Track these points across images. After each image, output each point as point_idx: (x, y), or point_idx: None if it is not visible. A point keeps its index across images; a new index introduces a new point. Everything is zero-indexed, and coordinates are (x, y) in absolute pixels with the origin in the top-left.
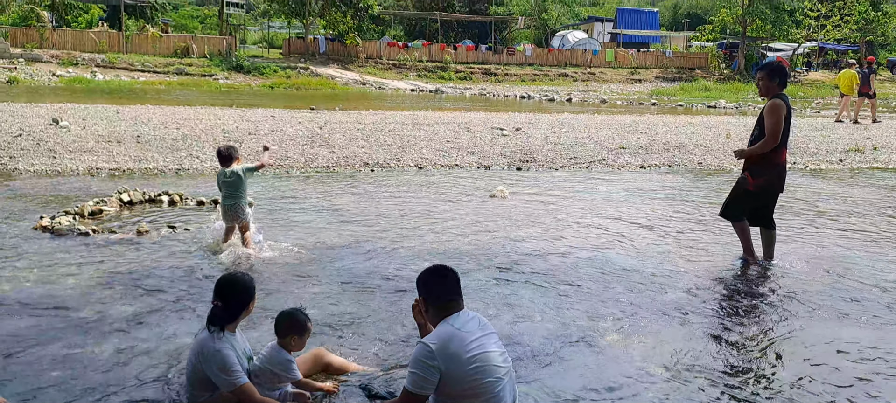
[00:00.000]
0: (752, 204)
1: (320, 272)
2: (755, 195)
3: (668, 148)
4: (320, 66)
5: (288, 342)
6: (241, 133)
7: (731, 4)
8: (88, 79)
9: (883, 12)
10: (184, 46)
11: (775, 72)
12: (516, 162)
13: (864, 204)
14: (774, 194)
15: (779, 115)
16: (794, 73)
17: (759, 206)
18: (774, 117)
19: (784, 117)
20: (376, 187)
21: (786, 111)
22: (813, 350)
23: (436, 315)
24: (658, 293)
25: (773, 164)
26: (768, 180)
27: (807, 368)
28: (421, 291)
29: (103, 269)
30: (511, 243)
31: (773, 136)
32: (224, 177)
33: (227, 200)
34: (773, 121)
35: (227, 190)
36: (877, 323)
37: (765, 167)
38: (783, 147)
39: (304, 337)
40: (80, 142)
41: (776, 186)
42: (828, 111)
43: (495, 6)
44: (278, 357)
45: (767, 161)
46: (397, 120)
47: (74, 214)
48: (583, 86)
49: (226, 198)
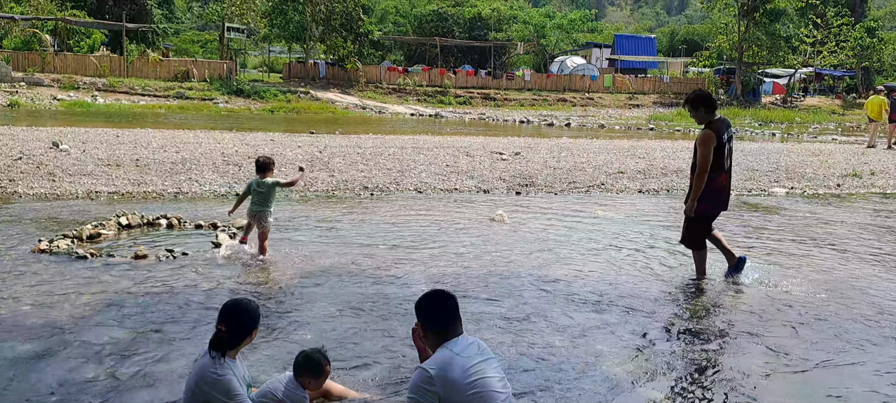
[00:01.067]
0: (706, 229)
1: (318, 296)
2: (700, 219)
3: (666, 172)
4: (320, 90)
5: (304, 381)
6: (241, 157)
7: (728, 31)
8: (89, 103)
9: (878, 39)
10: (184, 70)
11: (695, 101)
12: (516, 186)
13: (860, 230)
14: (713, 217)
15: (708, 146)
16: (790, 99)
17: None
18: (704, 148)
19: (715, 147)
20: (376, 211)
21: (716, 139)
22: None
23: (435, 340)
24: (665, 320)
25: (710, 191)
26: (705, 207)
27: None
28: (420, 316)
29: (101, 293)
30: (511, 268)
31: (701, 169)
32: (257, 185)
33: (255, 206)
34: (702, 153)
35: (256, 197)
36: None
37: (703, 194)
38: (722, 172)
39: (319, 380)
40: (80, 165)
41: (713, 211)
42: (825, 136)
43: (494, 32)
44: (295, 394)
45: (706, 188)
46: (397, 144)
47: (73, 238)
48: (581, 110)
49: (254, 205)
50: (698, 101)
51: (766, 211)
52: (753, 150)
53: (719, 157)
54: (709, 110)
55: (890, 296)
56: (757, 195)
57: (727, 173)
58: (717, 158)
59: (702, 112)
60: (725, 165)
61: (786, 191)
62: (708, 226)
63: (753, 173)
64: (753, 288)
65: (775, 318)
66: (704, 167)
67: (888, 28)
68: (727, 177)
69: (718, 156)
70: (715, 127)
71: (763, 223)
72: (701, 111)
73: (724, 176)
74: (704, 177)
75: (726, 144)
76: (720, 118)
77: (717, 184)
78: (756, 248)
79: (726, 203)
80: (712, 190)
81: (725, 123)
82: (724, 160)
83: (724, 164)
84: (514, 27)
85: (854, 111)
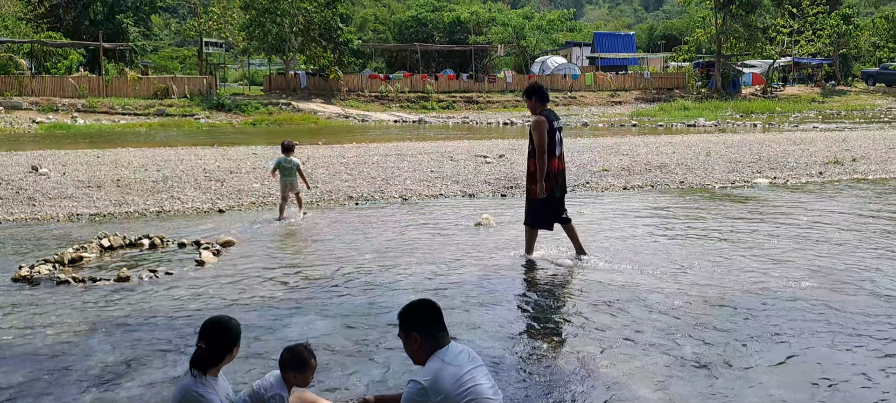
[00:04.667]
0: (549, 210)
1: (304, 307)
2: (545, 201)
3: (650, 168)
4: (302, 100)
5: (289, 377)
6: (223, 172)
7: (705, 24)
8: (69, 125)
9: (855, 26)
10: (164, 87)
11: (530, 92)
12: (501, 189)
13: (846, 216)
14: (558, 197)
15: (542, 130)
16: (770, 89)
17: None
18: (538, 132)
19: (548, 131)
20: (361, 220)
21: (548, 125)
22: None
23: (422, 349)
24: (655, 318)
25: (548, 174)
26: (548, 185)
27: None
28: (408, 325)
29: (84, 318)
30: (500, 272)
31: (541, 150)
32: (285, 162)
33: (286, 178)
34: (538, 136)
35: (285, 171)
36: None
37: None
38: (553, 156)
39: (306, 375)
40: (60, 188)
41: (556, 190)
42: (806, 124)
43: (474, 35)
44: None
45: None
46: (381, 152)
47: (54, 262)
48: (564, 109)
49: (284, 177)
50: (532, 92)
51: (745, 201)
52: (735, 142)
53: (551, 142)
54: (541, 100)
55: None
56: (740, 186)
57: (559, 159)
58: (550, 142)
59: (534, 101)
60: (556, 151)
61: (769, 181)
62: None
63: (736, 164)
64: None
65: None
66: (542, 147)
67: (864, 14)
68: (559, 161)
69: (551, 141)
70: (546, 114)
71: (743, 212)
72: (534, 100)
73: (556, 160)
74: (544, 156)
75: (557, 132)
76: (550, 109)
77: (550, 166)
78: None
79: (564, 186)
80: (550, 172)
81: (554, 114)
82: (555, 146)
83: (556, 150)
84: (493, 30)
85: (834, 98)
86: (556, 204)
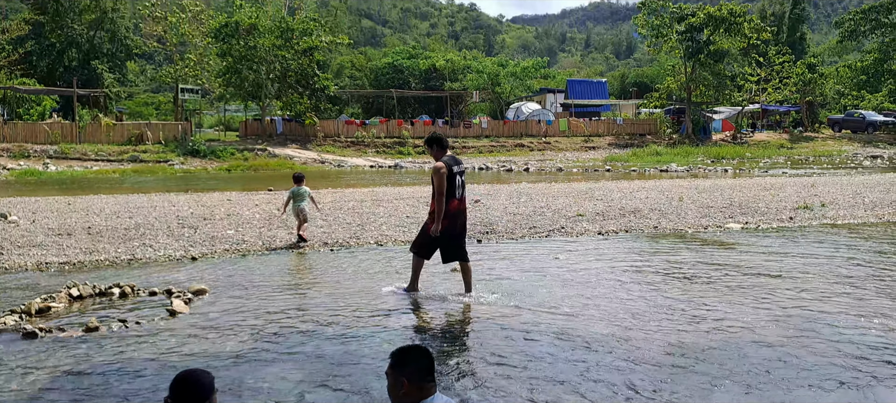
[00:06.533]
0: (436, 245)
1: (278, 357)
2: (436, 239)
3: (624, 213)
4: (278, 146)
5: None
6: (197, 218)
7: (675, 73)
8: (40, 171)
9: (819, 74)
10: (138, 133)
11: (430, 141)
12: (476, 233)
13: (814, 263)
14: (454, 236)
15: (441, 176)
16: (740, 135)
17: (447, 247)
18: (438, 178)
19: (447, 176)
20: (336, 267)
21: (448, 171)
22: None
23: (412, 394)
24: (631, 363)
25: (446, 213)
26: (445, 223)
27: None
28: (399, 368)
29: (51, 371)
30: (473, 319)
31: (439, 193)
32: (297, 191)
33: (298, 203)
34: (437, 181)
35: (298, 198)
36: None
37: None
38: (453, 198)
39: None
40: (29, 236)
41: (451, 230)
42: (775, 170)
43: (450, 82)
44: None
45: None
46: (357, 197)
47: (21, 313)
48: (539, 155)
49: (297, 202)
50: (432, 141)
51: (717, 246)
52: (707, 187)
53: (451, 186)
54: (440, 148)
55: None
56: (713, 231)
57: (460, 200)
58: (449, 186)
59: (435, 149)
60: (456, 194)
61: (741, 226)
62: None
63: (709, 209)
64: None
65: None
66: (441, 192)
67: (828, 62)
68: (459, 202)
69: (451, 185)
70: (445, 161)
71: (711, 256)
72: (434, 148)
73: (456, 201)
74: (443, 200)
75: (457, 176)
76: (451, 155)
77: (451, 207)
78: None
79: (462, 227)
80: (448, 212)
81: (456, 160)
82: (455, 190)
83: (456, 193)
84: (468, 77)
85: (802, 144)
86: (452, 241)
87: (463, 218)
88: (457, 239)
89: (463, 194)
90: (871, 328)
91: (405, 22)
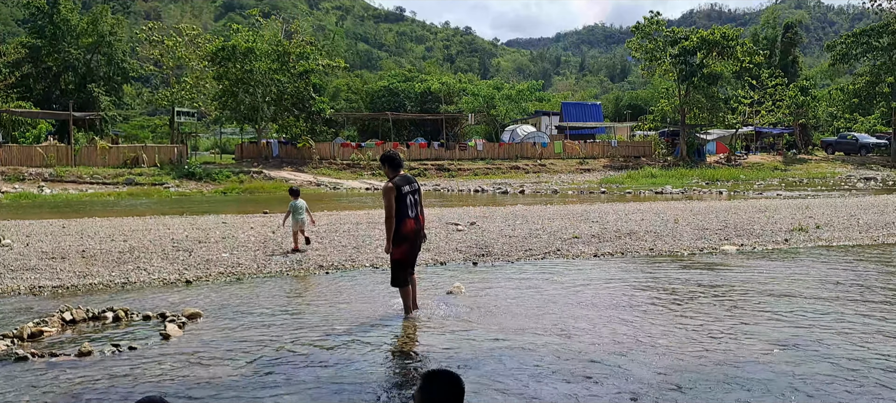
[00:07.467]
0: (407, 265)
1: (272, 382)
2: (402, 262)
3: (619, 235)
4: (274, 169)
5: None
6: (191, 241)
7: (669, 95)
8: (35, 194)
9: (812, 97)
10: (134, 156)
11: (383, 160)
12: (472, 256)
13: (810, 284)
14: (413, 257)
15: (390, 197)
16: (734, 157)
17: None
18: (386, 199)
19: (396, 197)
20: (331, 290)
21: (397, 191)
22: None
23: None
24: (629, 384)
25: (401, 236)
26: (404, 250)
27: None
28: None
29: (42, 396)
30: (471, 342)
31: (388, 216)
32: (295, 205)
33: (297, 216)
34: (385, 202)
35: (296, 211)
36: None
37: (398, 239)
38: (407, 217)
39: None
40: (23, 259)
41: (410, 252)
42: (770, 192)
43: (445, 104)
44: None
45: (397, 234)
46: (352, 220)
47: (13, 337)
48: (534, 177)
49: (296, 215)
50: (384, 160)
51: (713, 268)
52: (702, 209)
53: (404, 206)
54: (393, 168)
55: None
56: (708, 253)
57: (415, 220)
58: (401, 206)
59: (387, 168)
60: (410, 213)
61: (736, 248)
62: (406, 267)
63: (704, 232)
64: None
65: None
66: (390, 213)
67: (821, 85)
68: (414, 222)
69: (403, 205)
70: (396, 182)
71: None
72: (386, 167)
73: (411, 221)
74: (392, 220)
75: (408, 195)
76: (403, 175)
77: (405, 228)
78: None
79: (419, 245)
80: (402, 233)
81: (408, 179)
82: (408, 209)
83: (409, 212)
84: (464, 99)
85: (795, 166)
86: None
87: (419, 236)
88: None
89: (418, 213)
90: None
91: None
